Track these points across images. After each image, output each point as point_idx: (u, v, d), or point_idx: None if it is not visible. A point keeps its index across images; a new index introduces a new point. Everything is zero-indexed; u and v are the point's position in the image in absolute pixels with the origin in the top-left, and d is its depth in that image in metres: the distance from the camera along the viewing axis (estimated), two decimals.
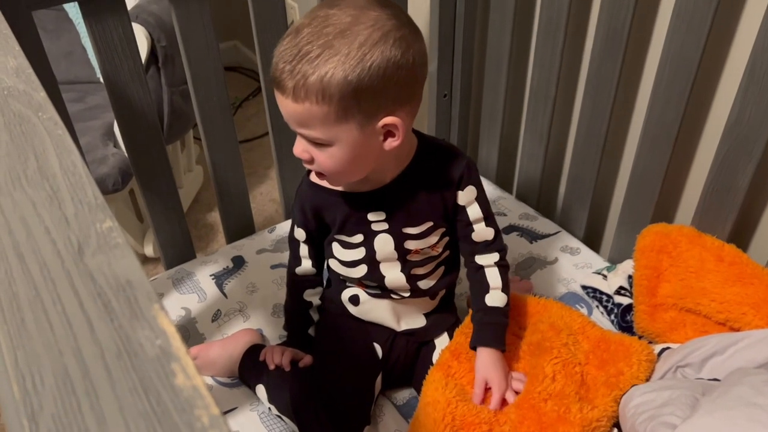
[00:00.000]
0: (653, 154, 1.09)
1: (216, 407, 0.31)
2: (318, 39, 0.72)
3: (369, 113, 0.75)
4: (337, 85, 0.72)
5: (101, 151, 1.49)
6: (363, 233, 0.92)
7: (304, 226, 0.97)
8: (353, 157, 0.79)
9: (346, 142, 0.77)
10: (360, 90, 0.72)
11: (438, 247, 0.94)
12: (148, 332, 0.34)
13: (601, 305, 1.11)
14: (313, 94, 0.73)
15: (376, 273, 0.94)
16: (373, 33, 0.72)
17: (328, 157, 0.79)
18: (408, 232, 0.91)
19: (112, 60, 1.00)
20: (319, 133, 0.76)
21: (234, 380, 1.03)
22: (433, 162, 0.89)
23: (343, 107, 0.73)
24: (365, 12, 0.73)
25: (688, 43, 0.97)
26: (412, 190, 0.89)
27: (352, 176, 0.84)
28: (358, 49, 0.71)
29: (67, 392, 0.32)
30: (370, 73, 0.72)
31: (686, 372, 0.87)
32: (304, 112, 0.75)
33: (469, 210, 0.91)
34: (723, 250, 1.00)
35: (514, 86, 1.36)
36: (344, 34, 0.72)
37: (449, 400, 0.87)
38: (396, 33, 0.74)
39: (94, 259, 0.39)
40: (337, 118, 0.75)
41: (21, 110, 0.52)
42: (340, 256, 0.96)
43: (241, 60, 2.59)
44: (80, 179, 0.45)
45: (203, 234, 1.88)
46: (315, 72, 0.72)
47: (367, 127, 0.76)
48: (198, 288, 1.19)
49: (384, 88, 0.74)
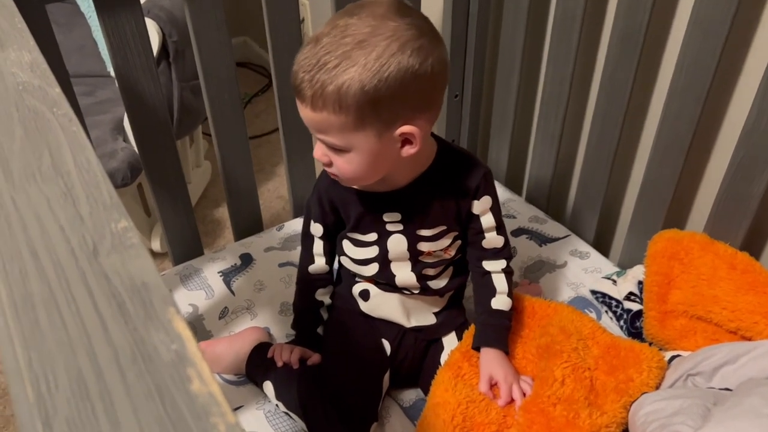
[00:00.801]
0: (666, 160, 1.08)
1: (233, 415, 0.30)
2: (336, 49, 0.73)
3: (387, 122, 0.77)
4: (354, 96, 0.73)
5: (111, 145, 1.49)
6: (377, 232, 0.93)
7: (321, 220, 0.97)
8: (370, 163, 0.80)
9: (363, 149, 0.78)
10: (377, 100, 0.74)
11: (450, 251, 0.95)
12: (163, 336, 0.34)
13: (610, 310, 1.10)
14: (330, 104, 0.74)
15: (387, 271, 0.95)
16: (391, 44, 0.73)
17: (346, 163, 0.81)
18: (422, 234, 0.92)
19: (124, 54, 1.00)
20: (337, 140, 0.78)
21: (240, 378, 1.03)
22: (451, 168, 0.90)
23: (361, 116, 0.75)
24: (384, 22, 0.74)
25: (705, 50, 0.96)
26: (428, 194, 0.90)
27: (367, 180, 0.85)
28: (375, 60, 0.72)
29: (82, 395, 0.31)
30: (388, 84, 0.73)
31: (697, 381, 0.86)
32: (322, 121, 0.77)
33: (482, 219, 0.93)
34: (736, 258, 0.99)
35: (526, 88, 1.36)
36: (362, 44, 0.73)
37: (459, 400, 0.87)
38: (414, 43, 0.74)
39: (108, 259, 0.38)
40: (354, 127, 0.76)
41: (36, 105, 0.51)
42: (351, 254, 0.96)
43: (251, 56, 2.59)
44: (95, 177, 0.45)
45: (210, 230, 1.88)
46: (333, 82, 0.73)
47: (385, 135, 0.78)
48: (206, 285, 1.19)
49: (402, 98, 0.75)
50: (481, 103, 1.45)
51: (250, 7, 2.19)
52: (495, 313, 0.95)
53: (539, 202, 1.38)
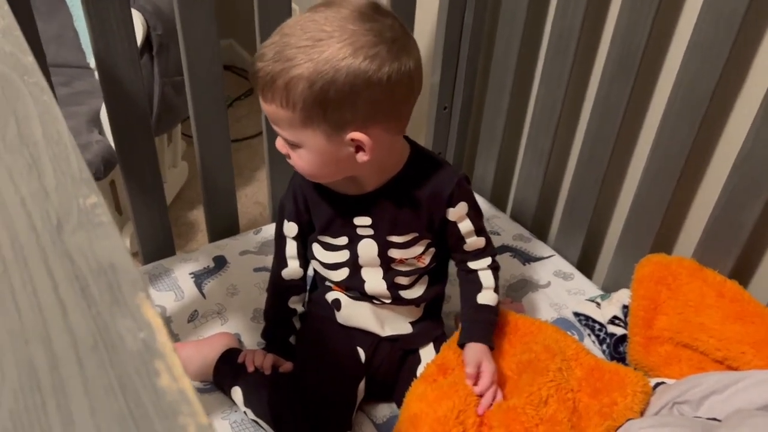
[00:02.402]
0: (657, 184, 1.06)
1: (205, 416, 0.26)
2: (295, 43, 0.73)
3: (335, 125, 0.76)
4: (301, 93, 0.73)
5: (85, 137, 1.44)
6: (348, 236, 0.91)
7: (296, 218, 0.94)
8: (321, 162, 0.80)
9: (312, 147, 0.78)
10: (324, 101, 0.73)
11: (424, 259, 0.93)
12: (130, 323, 0.30)
13: (593, 334, 1.08)
14: (278, 98, 0.75)
15: (356, 277, 0.93)
16: (344, 47, 0.72)
17: (298, 157, 0.81)
18: (392, 241, 0.90)
19: (106, 40, 0.95)
20: (287, 134, 0.79)
21: (206, 385, 0.98)
22: (423, 174, 0.88)
23: (308, 115, 0.75)
24: (344, 24, 0.73)
25: (703, 74, 0.95)
26: (398, 200, 0.88)
27: (324, 178, 0.86)
28: (326, 61, 0.72)
29: (31, 387, 0.27)
30: (336, 87, 0.72)
31: (683, 409, 0.83)
32: (272, 112, 0.77)
33: (460, 225, 0.91)
34: (724, 286, 0.98)
35: (517, 103, 1.34)
36: (318, 43, 0.72)
37: (436, 412, 0.83)
38: (369, 50, 0.72)
39: (73, 237, 0.34)
40: (302, 124, 0.76)
41: (5, 71, 0.47)
42: (321, 258, 0.94)
43: (236, 59, 2.55)
44: (65, 149, 0.41)
45: (183, 232, 1.82)
46: (282, 76, 0.73)
47: (334, 137, 0.77)
48: (175, 286, 1.14)
49: (351, 103, 0.74)
50: (470, 116, 1.43)
51: (238, 10, 2.16)
52: (481, 308, 0.94)
53: (524, 220, 1.35)
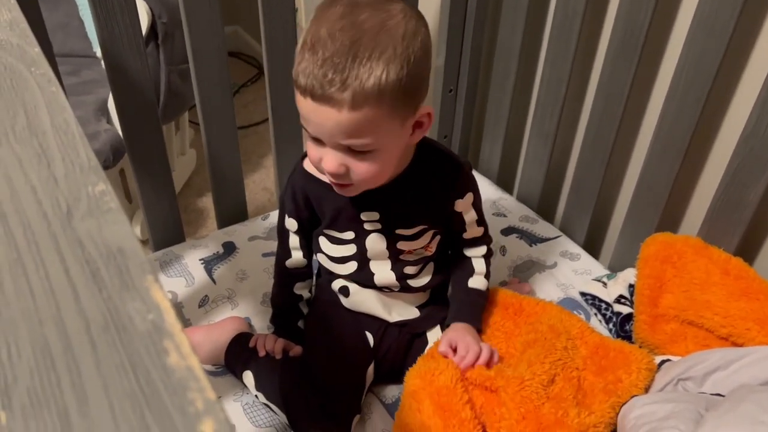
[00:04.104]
0: (662, 163, 1.06)
1: (212, 391, 0.27)
2: (361, 38, 0.68)
3: (412, 106, 0.74)
4: (393, 83, 0.69)
5: (93, 126, 1.45)
6: (354, 231, 0.90)
7: (296, 216, 0.93)
8: (392, 158, 0.78)
9: (390, 142, 0.75)
10: (408, 84, 0.71)
11: (431, 247, 0.93)
12: (139, 305, 0.31)
13: (599, 313, 1.08)
14: (372, 98, 0.69)
15: (365, 270, 0.93)
16: (408, 23, 0.71)
17: (370, 164, 0.75)
18: (401, 233, 0.90)
19: (111, 29, 0.96)
20: (371, 138, 0.73)
21: (218, 368, 1.00)
22: (431, 167, 0.88)
23: (395, 105, 0.71)
24: (385, 6, 0.71)
25: (708, 51, 0.94)
26: (407, 194, 0.87)
27: (380, 181, 0.81)
28: (401, 41, 0.69)
29: (46, 366, 0.28)
30: (414, 64, 0.71)
31: (687, 385, 0.84)
32: (361, 119, 0.70)
33: (465, 216, 0.93)
34: (729, 264, 0.98)
35: (522, 85, 1.34)
36: (383, 27, 0.69)
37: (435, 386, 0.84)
38: (413, 12, 0.74)
39: (83, 223, 0.36)
40: (389, 118, 0.72)
41: (12, 64, 0.48)
42: (328, 252, 0.94)
43: (242, 46, 2.55)
44: (72, 138, 0.42)
45: (193, 219, 1.84)
46: (372, 74, 0.68)
47: (407, 121, 0.75)
48: (186, 272, 1.15)
49: (422, 79, 0.73)
50: (475, 98, 1.43)
51: None
52: (470, 291, 0.96)
53: (530, 202, 1.36)
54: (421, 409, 0.82)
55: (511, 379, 0.84)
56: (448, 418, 0.81)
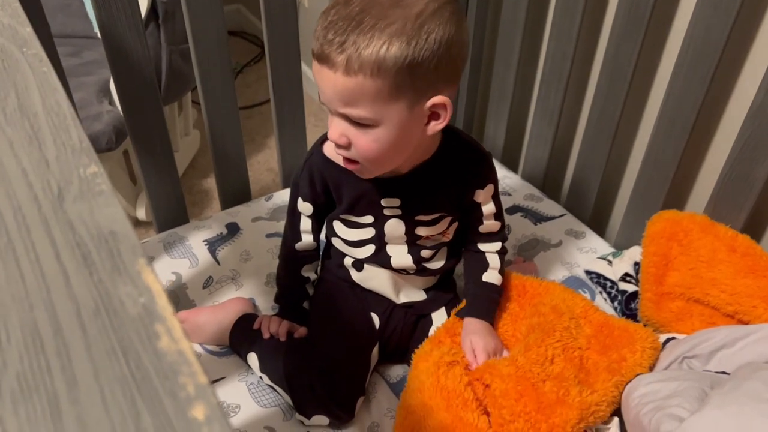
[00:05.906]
0: (668, 140, 1.05)
1: (204, 375, 0.27)
2: (372, 8, 0.68)
3: (420, 91, 0.72)
4: (394, 59, 0.67)
5: (95, 107, 1.44)
6: (374, 215, 0.90)
7: (312, 200, 0.92)
8: (397, 141, 0.75)
9: (393, 122, 0.72)
10: (415, 65, 0.68)
11: (449, 233, 0.93)
12: (130, 288, 0.30)
13: (604, 291, 1.08)
14: (368, 68, 0.68)
15: (382, 253, 0.93)
16: (430, 3, 0.69)
17: (372, 141, 0.74)
18: (421, 220, 0.89)
19: (109, 9, 0.95)
20: (367, 111, 0.71)
21: (223, 349, 1.00)
22: (455, 157, 0.87)
23: (397, 83, 0.69)
24: None
25: (714, 26, 0.93)
26: (430, 183, 0.87)
27: (388, 164, 0.80)
28: (415, 19, 0.67)
29: (36, 350, 0.28)
30: (427, 47, 0.68)
31: (693, 363, 0.84)
32: (355, 88, 0.69)
33: (484, 207, 0.92)
34: (736, 241, 0.97)
35: (527, 62, 1.32)
36: (399, 3, 0.68)
37: (437, 364, 0.85)
38: (450, 6, 0.71)
39: (74, 206, 0.35)
40: (389, 96, 0.70)
41: (3, 44, 0.47)
42: (344, 236, 0.93)
43: (245, 25, 2.53)
44: (64, 120, 0.41)
45: (197, 200, 1.83)
46: (371, 44, 0.67)
47: (416, 107, 0.73)
48: (190, 253, 1.15)
49: (437, 65, 0.70)
50: (479, 76, 1.41)
51: None
52: (485, 285, 0.95)
53: (535, 180, 1.35)
54: (424, 389, 0.82)
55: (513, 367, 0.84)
56: (451, 398, 0.81)
